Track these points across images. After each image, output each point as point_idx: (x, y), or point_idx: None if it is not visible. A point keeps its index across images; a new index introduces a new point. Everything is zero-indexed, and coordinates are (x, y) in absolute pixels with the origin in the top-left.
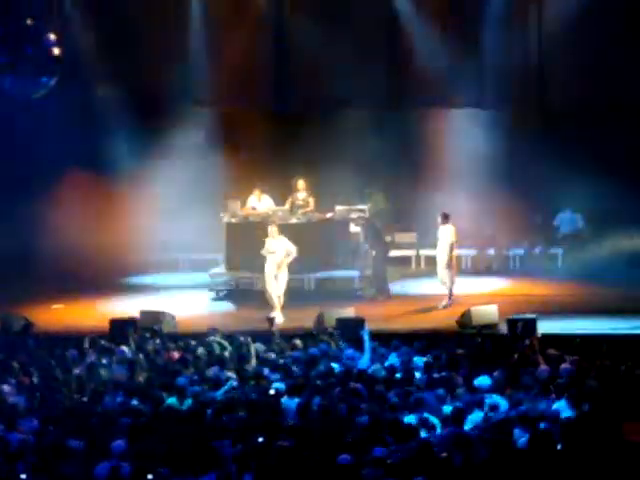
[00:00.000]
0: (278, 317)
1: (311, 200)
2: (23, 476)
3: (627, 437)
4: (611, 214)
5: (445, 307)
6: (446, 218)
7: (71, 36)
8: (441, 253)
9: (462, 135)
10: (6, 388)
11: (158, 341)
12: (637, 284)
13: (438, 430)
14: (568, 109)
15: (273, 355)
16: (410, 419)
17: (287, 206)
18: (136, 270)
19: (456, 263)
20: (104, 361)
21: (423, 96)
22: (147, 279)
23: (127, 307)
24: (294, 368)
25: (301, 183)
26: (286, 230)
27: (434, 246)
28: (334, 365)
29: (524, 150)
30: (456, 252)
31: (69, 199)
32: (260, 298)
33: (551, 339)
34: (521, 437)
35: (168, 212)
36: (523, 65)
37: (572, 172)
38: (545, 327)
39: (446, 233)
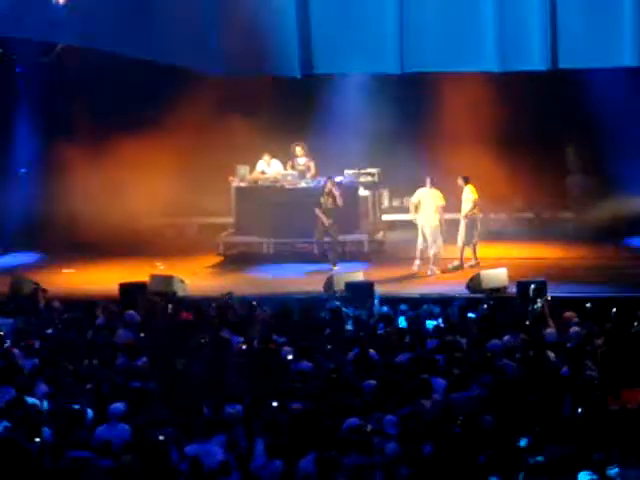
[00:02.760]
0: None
1: (312, 165)
2: (36, 439)
3: (624, 404)
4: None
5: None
6: (466, 180)
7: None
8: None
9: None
10: (16, 352)
11: (170, 305)
12: None
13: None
14: None
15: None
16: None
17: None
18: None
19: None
20: (113, 325)
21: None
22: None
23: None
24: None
25: (298, 149)
26: (295, 194)
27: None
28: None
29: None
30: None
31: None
32: (270, 260)
33: (561, 302)
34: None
35: (178, 177)
36: None
37: None
38: (555, 290)
39: (468, 193)
